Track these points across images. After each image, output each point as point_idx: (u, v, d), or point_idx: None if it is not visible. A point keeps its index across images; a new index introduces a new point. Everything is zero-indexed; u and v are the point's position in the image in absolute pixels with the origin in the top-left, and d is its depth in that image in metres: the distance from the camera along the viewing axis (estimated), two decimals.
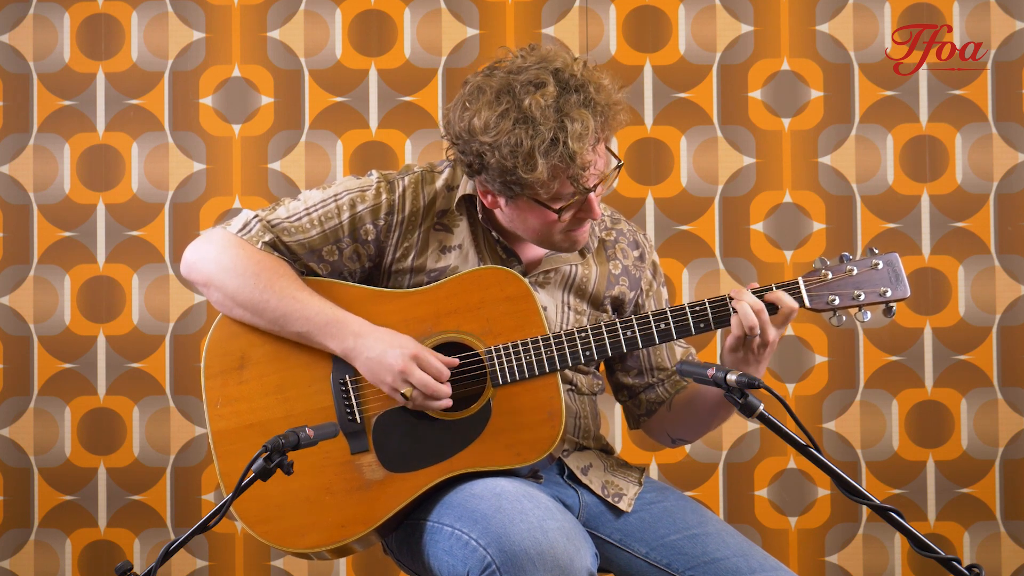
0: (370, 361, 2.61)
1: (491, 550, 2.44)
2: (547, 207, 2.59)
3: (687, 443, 2.85)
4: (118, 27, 4.06)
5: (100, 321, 4.05)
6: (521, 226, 2.66)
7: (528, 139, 2.50)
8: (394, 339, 2.62)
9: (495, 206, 2.66)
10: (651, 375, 2.82)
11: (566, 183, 2.56)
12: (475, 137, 2.54)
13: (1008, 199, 4.02)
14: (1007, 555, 4.01)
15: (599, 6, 4.04)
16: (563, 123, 2.50)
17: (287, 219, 2.70)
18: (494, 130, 2.52)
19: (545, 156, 2.50)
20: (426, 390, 2.59)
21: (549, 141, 2.50)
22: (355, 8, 4.06)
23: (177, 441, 4.03)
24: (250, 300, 2.66)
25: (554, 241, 2.66)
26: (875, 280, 2.63)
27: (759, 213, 4.03)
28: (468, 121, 2.55)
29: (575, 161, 2.52)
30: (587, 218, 2.63)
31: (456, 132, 2.59)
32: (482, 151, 2.54)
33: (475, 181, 2.65)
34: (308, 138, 4.06)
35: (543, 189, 2.55)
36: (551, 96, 2.51)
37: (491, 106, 2.53)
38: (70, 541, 4.03)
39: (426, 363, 2.60)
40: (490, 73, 2.57)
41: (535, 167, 2.51)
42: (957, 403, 4.02)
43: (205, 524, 2.34)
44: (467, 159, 2.59)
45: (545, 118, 2.50)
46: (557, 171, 2.54)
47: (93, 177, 4.06)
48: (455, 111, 2.59)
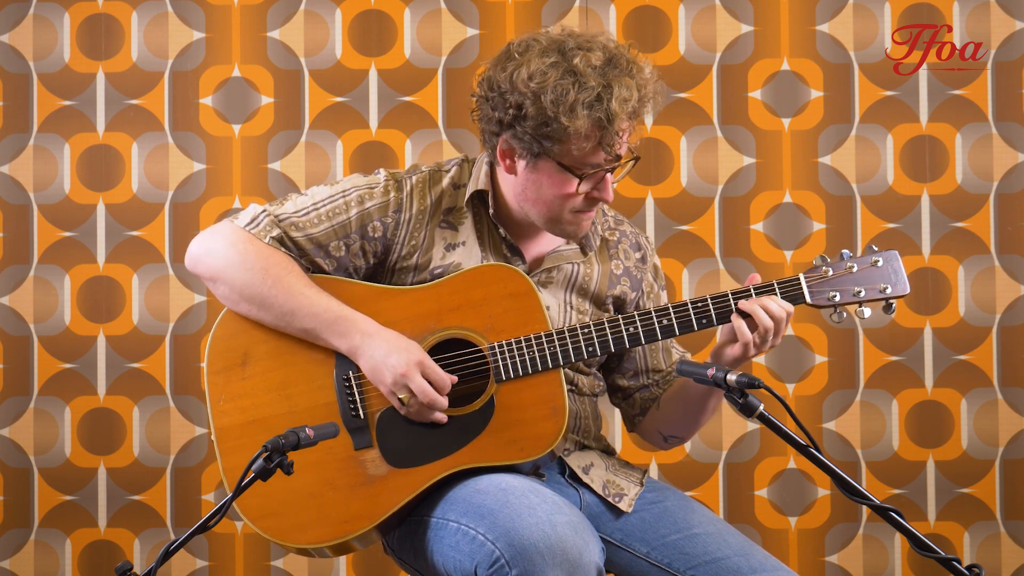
0: (373, 360, 2.61)
1: (500, 544, 2.44)
2: (570, 171, 2.60)
3: (681, 441, 2.84)
4: (118, 27, 4.06)
5: (100, 321, 4.05)
6: (534, 195, 2.66)
7: (574, 91, 2.55)
8: (400, 343, 2.62)
9: (512, 171, 2.66)
10: (646, 377, 2.82)
11: (597, 149, 2.59)
12: (516, 87, 2.58)
13: (1008, 199, 4.02)
14: (1007, 555, 4.01)
15: (599, 6, 4.04)
16: (610, 84, 2.56)
17: (295, 214, 2.70)
18: (540, 78, 2.56)
19: (588, 108, 2.55)
20: (424, 398, 2.59)
21: (594, 96, 2.55)
22: (355, 8, 4.06)
23: (177, 441, 4.03)
24: (258, 295, 2.66)
25: (562, 219, 2.66)
26: (875, 277, 2.64)
27: (759, 213, 4.04)
28: (511, 71, 2.58)
29: (613, 123, 2.56)
30: (599, 199, 2.65)
31: (494, 84, 2.61)
32: (522, 101, 2.57)
33: (498, 141, 2.65)
34: (308, 138, 4.06)
35: (575, 146, 2.58)
36: (600, 60, 2.57)
37: (541, 57, 2.58)
38: (70, 541, 4.03)
39: (430, 371, 2.60)
40: (539, 33, 2.63)
41: (577, 116, 2.54)
42: (957, 403, 4.02)
43: (205, 524, 2.34)
44: (498, 114, 2.61)
45: (593, 76, 2.56)
46: (594, 128, 2.57)
47: (93, 177, 4.06)
48: (497, 64, 2.63)
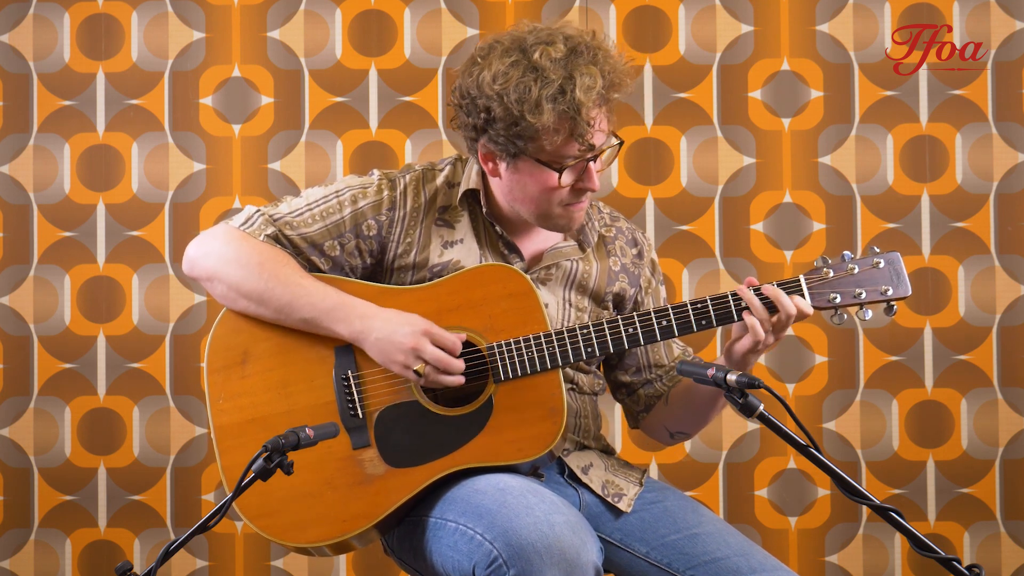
0: (380, 341, 2.61)
1: (497, 544, 2.44)
2: (548, 167, 2.60)
3: (687, 437, 2.84)
4: (118, 27, 4.06)
5: (100, 321, 4.05)
6: (520, 194, 2.66)
7: (536, 87, 2.54)
8: (402, 317, 2.62)
9: (496, 174, 2.67)
10: (649, 372, 2.82)
11: (570, 141, 2.58)
12: (483, 91, 2.58)
13: (1008, 199, 4.02)
14: (1007, 555, 4.01)
15: (599, 6, 4.04)
16: (571, 75, 2.54)
17: (289, 214, 2.71)
18: (503, 78, 2.55)
19: (552, 102, 2.54)
20: (439, 364, 2.58)
21: (557, 89, 2.54)
22: (355, 8, 4.06)
23: (177, 441, 4.03)
24: (255, 290, 2.66)
25: (552, 214, 2.66)
26: (876, 279, 2.63)
27: (759, 213, 4.04)
28: (477, 75, 2.59)
29: (581, 113, 2.55)
30: (586, 189, 2.64)
31: (464, 90, 2.62)
32: (489, 104, 2.57)
33: (478, 146, 2.65)
34: (308, 138, 4.06)
35: (547, 141, 2.57)
36: (561, 52, 2.56)
37: (501, 58, 2.57)
38: (70, 541, 4.03)
39: (439, 337, 2.59)
40: (502, 34, 2.63)
41: (542, 112, 2.53)
42: (957, 403, 4.02)
43: (205, 524, 2.34)
44: (472, 119, 2.61)
45: (554, 69, 2.55)
46: (563, 121, 2.56)
47: (93, 177, 4.06)
48: (464, 72, 2.63)
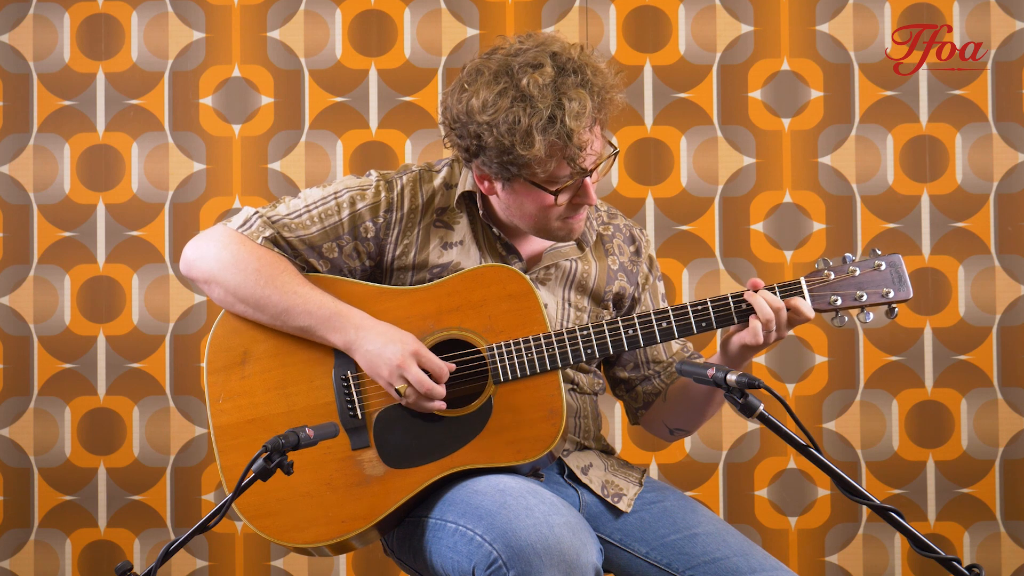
0: (369, 354, 2.61)
1: (497, 545, 2.44)
2: (543, 189, 2.59)
3: (686, 434, 2.84)
4: (118, 27, 4.06)
5: (100, 321, 4.05)
6: (518, 212, 2.65)
7: (526, 117, 2.51)
8: (395, 335, 2.62)
9: (492, 192, 2.66)
10: (647, 368, 2.82)
11: (563, 164, 2.56)
12: (473, 118, 2.55)
13: (1008, 199, 4.02)
14: (1007, 555, 4.01)
15: (599, 6, 4.04)
16: (560, 101, 2.52)
17: (287, 216, 2.70)
18: (492, 108, 2.53)
19: (543, 133, 2.52)
20: (421, 387, 2.58)
21: (547, 118, 2.52)
22: (355, 8, 4.06)
23: (177, 441, 4.03)
24: (252, 296, 2.66)
25: (551, 228, 2.66)
26: (878, 281, 2.62)
27: (759, 213, 4.03)
28: (466, 103, 2.56)
29: (572, 140, 2.53)
30: (583, 203, 2.63)
31: (454, 115, 2.59)
32: (480, 132, 2.55)
33: (472, 166, 2.65)
34: (308, 138, 4.05)
35: (540, 168, 2.56)
36: (549, 76, 2.53)
37: (489, 86, 2.54)
38: (70, 541, 4.03)
39: (427, 361, 2.60)
40: (488, 56, 2.59)
41: (532, 143, 2.52)
42: (957, 403, 4.01)
43: (205, 524, 2.34)
44: (464, 143, 2.60)
45: (543, 97, 2.52)
46: (554, 149, 2.54)
47: (93, 177, 4.06)
48: (452, 95, 2.60)
